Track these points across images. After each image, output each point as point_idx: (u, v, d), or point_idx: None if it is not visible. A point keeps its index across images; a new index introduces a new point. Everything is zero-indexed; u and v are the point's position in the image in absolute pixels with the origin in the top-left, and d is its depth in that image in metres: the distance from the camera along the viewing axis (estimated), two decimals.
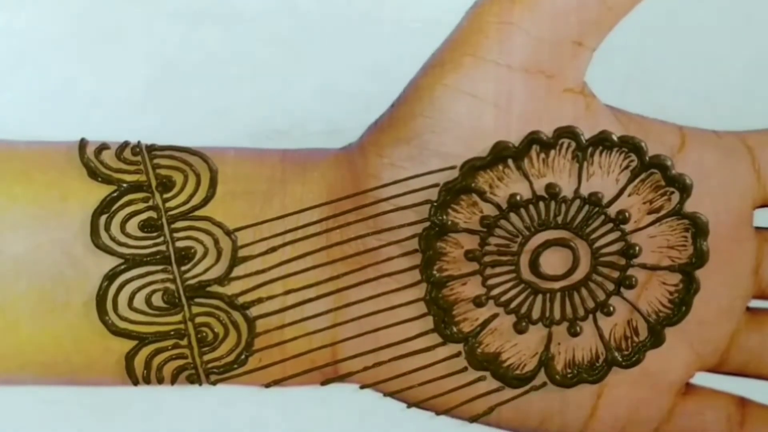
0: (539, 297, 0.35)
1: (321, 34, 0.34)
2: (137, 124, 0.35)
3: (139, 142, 0.35)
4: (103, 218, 0.34)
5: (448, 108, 0.34)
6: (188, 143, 0.35)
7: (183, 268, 0.34)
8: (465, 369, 0.35)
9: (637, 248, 0.35)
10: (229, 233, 0.34)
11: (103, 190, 0.34)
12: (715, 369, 0.37)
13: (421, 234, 0.35)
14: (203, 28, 0.34)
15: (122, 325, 0.34)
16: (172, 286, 0.34)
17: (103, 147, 0.35)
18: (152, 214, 0.34)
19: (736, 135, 0.36)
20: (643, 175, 0.35)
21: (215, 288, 0.34)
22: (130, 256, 0.34)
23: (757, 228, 0.36)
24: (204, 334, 0.34)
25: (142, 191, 0.34)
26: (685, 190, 0.35)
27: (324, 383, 0.36)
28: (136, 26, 0.34)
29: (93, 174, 0.34)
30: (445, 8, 0.34)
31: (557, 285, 0.35)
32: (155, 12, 0.34)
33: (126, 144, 0.35)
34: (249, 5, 0.34)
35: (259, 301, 0.35)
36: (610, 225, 0.35)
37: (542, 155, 0.35)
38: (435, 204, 0.34)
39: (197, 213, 0.34)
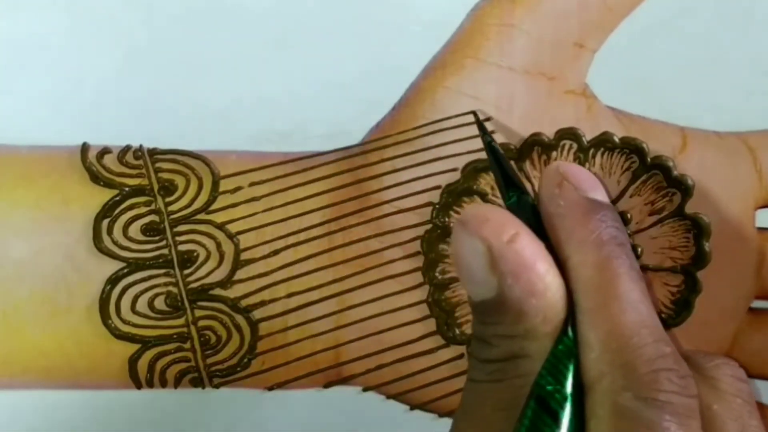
0: None
1: (322, 36, 0.34)
2: (139, 127, 0.35)
3: (141, 145, 0.35)
4: (105, 222, 0.34)
5: (450, 110, 0.34)
6: (190, 147, 0.35)
7: (186, 272, 0.34)
8: None
9: (639, 249, 0.35)
10: (231, 236, 0.34)
11: (105, 194, 0.34)
12: None
13: (424, 236, 0.35)
14: (204, 30, 0.34)
15: (125, 328, 0.34)
16: (174, 290, 0.34)
17: (104, 151, 0.35)
18: (154, 217, 0.34)
19: (738, 136, 0.36)
20: (644, 176, 0.35)
21: (218, 291, 0.34)
22: (133, 259, 0.34)
23: (759, 228, 0.36)
24: (207, 337, 0.35)
25: (145, 195, 0.34)
26: (686, 191, 0.35)
27: (327, 386, 0.36)
28: (137, 30, 0.34)
29: (95, 178, 0.34)
30: (446, 11, 0.34)
31: None
32: (157, 15, 0.34)
33: (128, 148, 0.35)
34: (250, 7, 0.34)
35: (262, 304, 0.35)
36: None
37: (544, 157, 0.35)
38: (437, 206, 0.35)
39: (199, 216, 0.34)
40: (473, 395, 0.29)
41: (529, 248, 0.28)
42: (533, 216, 0.30)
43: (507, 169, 0.32)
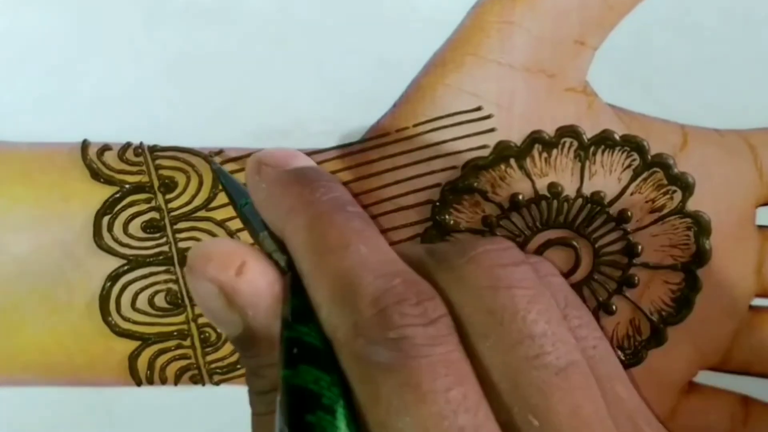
0: None
1: (323, 33, 0.34)
2: (139, 124, 0.35)
3: (141, 143, 0.35)
4: (105, 219, 0.34)
5: (450, 107, 0.34)
6: (190, 144, 0.35)
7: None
8: None
9: (639, 247, 0.35)
10: (231, 234, 0.34)
11: (105, 191, 0.34)
12: (718, 367, 0.37)
13: (424, 234, 0.35)
14: (204, 28, 0.34)
15: (125, 325, 0.34)
16: (175, 287, 0.34)
17: (105, 148, 0.35)
18: (155, 214, 0.34)
19: (739, 133, 0.36)
20: (645, 174, 0.35)
21: None
22: (133, 256, 0.34)
23: (760, 226, 0.36)
24: (207, 334, 0.35)
25: (145, 192, 0.34)
26: (687, 188, 0.35)
27: None
28: (136, 27, 0.34)
29: (95, 175, 0.34)
30: (446, 8, 0.34)
31: None
32: (156, 12, 0.34)
33: (128, 145, 0.35)
34: (250, 5, 0.34)
35: None
36: (612, 224, 0.35)
37: (544, 154, 0.35)
38: (437, 204, 0.35)
39: (200, 214, 0.34)
40: (261, 429, 0.28)
41: (260, 274, 0.27)
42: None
43: (232, 183, 0.32)
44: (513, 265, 0.27)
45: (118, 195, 0.34)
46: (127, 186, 0.34)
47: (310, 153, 0.35)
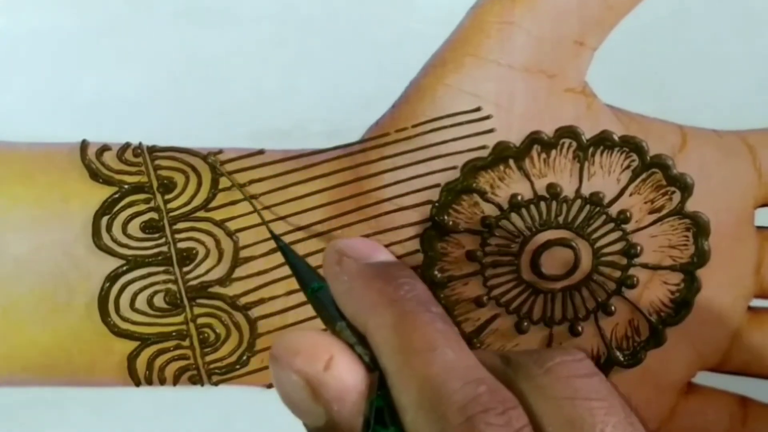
0: (540, 297, 0.35)
1: (322, 34, 0.34)
2: (138, 124, 0.34)
3: (140, 143, 0.35)
4: (104, 219, 0.34)
5: (450, 107, 0.34)
6: (189, 144, 0.35)
7: (185, 269, 0.34)
8: None
9: (638, 248, 0.35)
10: (230, 234, 0.34)
11: (104, 192, 0.34)
12: (717, 368, 0.37)
13: (423, 234, 0.35)
14: (205, 29, 0.34)
15: (124, 326, 0.34)
16: (173, 287, 0.34)
17: (104, 148, 0.35)
18: (154, 215, 0.34)
19: (737, 134, 0.36)
20: (644, 175, 0.35)
21: (217, 289, 0.34)
22: (132, 257, 0.34)
23: (759, 227, 0.36)
24: (206, 335, 0.34)
25: (144, 192, 0.34)
26: (686, 189, 0.35)
27: None
28: (137, 28, 0.34)
29: (94, 175, 0.34)
30: (446, 8, 0.34)
31: (558, 285, 0.35)
32: (157, 14, 0.34)
33: (127, 145, 0.35)
34: (251, 6, 0.34)
35: (261, 301, 0.35)
36: (612, 225, 0.35)
37: (543, 155, 0.35)
38: (436, 204, 0.35)
39: (199, 214, 0.34)
40: None
41: (348, 369, 0.28)
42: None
43: (301, 263, 0.32)
44: (588, 377, 0.27)
45: (116, 195, 0.34)
46: (126, 186, 0.34)
47: (310, 153, 0.35)
